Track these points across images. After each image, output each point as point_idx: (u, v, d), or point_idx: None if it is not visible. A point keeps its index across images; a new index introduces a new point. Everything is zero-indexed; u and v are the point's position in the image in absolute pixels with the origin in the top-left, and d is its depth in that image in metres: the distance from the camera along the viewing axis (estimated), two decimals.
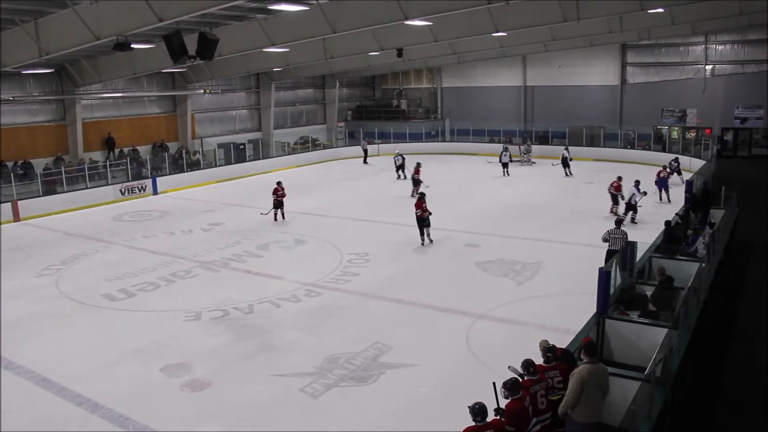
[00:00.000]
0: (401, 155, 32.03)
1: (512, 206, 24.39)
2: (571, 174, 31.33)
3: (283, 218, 22.65)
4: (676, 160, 30.13)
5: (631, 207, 21.14)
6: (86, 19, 16.84)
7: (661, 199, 24.43)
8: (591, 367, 7.14)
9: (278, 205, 22.68)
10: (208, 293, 15.08)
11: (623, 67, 40.40)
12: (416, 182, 26.53)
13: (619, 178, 22.65)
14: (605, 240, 14.75)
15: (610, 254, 14.10)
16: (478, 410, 6.42)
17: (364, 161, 38.19)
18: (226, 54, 23.22)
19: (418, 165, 27.47)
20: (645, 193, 21.43)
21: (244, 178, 33.05)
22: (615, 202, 22.36)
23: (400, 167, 31.39)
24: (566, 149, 32.39)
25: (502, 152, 32.14)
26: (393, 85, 49.59)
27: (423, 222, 18.82)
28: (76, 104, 29.10)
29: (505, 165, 31.70)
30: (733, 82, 36.90)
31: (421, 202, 18.89)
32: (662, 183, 24.78)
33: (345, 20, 19.49)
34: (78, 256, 18.72)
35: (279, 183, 23.07)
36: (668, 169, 26.77)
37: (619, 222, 14.89)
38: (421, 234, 18.90)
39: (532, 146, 37.45)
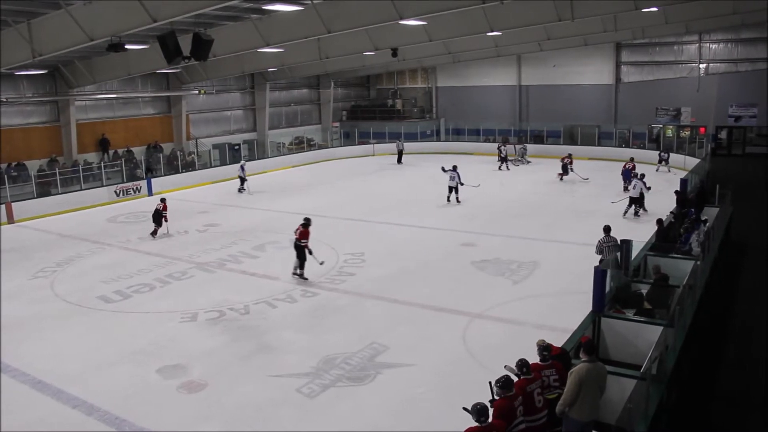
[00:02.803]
0: (244, 167, 29.65)
1: (508, 205, 24.42)
2: (501, 169, 33.62)
3: (154, 236, 20.85)
4: (666, 151, 32.10)
5: (636, 200, 21.66)
6: (80, 19, 16.80)
7: (625, 190, 24.77)
8: (590, 365, 7.15)
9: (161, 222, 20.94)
10: (204, 294, 15.06)
11: (618, 66, 40.47)
12: (565, 168, 29.31)
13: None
14: (599, 252, 14.24)
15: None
16: (480, 410, 6.42)
17: (399, 161, 37.79)
18: (220, 54, 23.19)
19: (570, 156, 30.03)
20: (649, 188, 22.01)
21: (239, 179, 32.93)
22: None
23: (242, 180, 29.20)
24: (504, 145, 35.28)
25: (450, 171, 25.27)
26: (388, 84, 49.61)
27: (297, 250, 15.97)
28: (70, 105, 29.02)
29: (452, 189, 24.98)
30: (726, 80, 37.01)
31: (298, 227, 16.10)
32: (627, 175, 25.46)
33: (340, 20, 19.48)
34: (73, 258, 18.67)
35: (164, 200, 21.53)
36: (660, 157, 31.37)
37: (607, 229, 14.53)
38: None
39: (528, 146, 37.55)
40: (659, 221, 15.19)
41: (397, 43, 25.41)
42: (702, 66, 37.71)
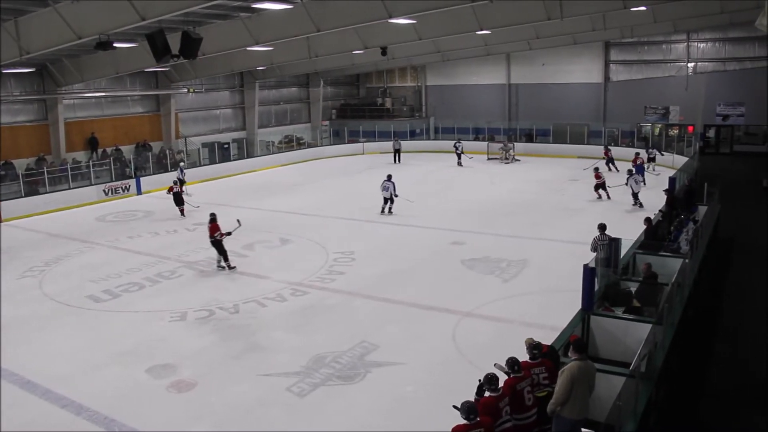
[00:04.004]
0: (183, 170, 29.05)
1: (497, 204, 24.45)
2: (461, 165, 34.66)
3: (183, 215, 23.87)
4: (653, 150, 32.16)
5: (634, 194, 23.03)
6: (68, 17, 16.68)
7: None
8: (581, 363, 7.16)
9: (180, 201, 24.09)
10: (194, 293, 15.02)
11: (606, 65, 40.61)
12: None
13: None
14: (594, 249, 14.03)
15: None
16: (469, 408, 6.43)
17: (397, 160, 37.04)
18: (209, 53, 23.10)
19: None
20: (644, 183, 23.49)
21: (229, 178, 32.91)
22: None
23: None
24: (459, 141, 36.43)
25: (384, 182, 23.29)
26: (377, 83, 49.53)
27: (214, 246, 16.93)
28: (59, 104, 28.82)
29: (387, 200, 23.05)
30: (714, 79, 37.22)
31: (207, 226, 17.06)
32: (640, 169, 26.73)
33: (329, 19, 19.44)
34: (61, 258, 18.56)
35: (175, 182, 24.71)
36: (646, 154, 30.84)
37: (602, 227, 14.41)
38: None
39: (516, 144, 37.65)
40: (648, 219, 15.25)
41: (386, 41, 25.39)
42: (690, 65, 37.89)
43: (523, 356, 7.72)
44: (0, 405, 9.87)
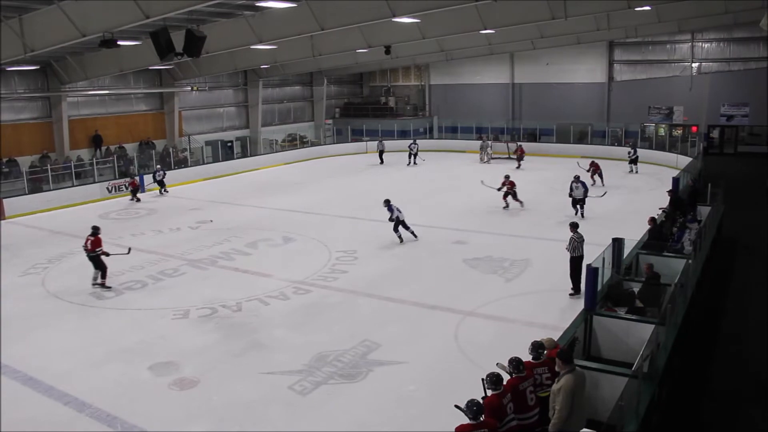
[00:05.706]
0: (162, 170, 28.91)
1: (500, 203, 24.36)
2: (415, 163, 35.48)
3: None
4: (635, 150, 31.85)
5: (580, 201, 21.71)
6: (72, 15, 16.70)
7: (594, 183, 26.97)
8: (574, 375, 7.12)
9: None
10: (196, 291, 15.02)
11: (610, 65, 40.51)
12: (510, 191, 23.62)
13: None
14: (574, 249, 13.86)
15: (575, 261, 13.77)
16: (477, 408, 6.42)
17: (381, 161, 36.78)
18: (213, 51, 23.13)
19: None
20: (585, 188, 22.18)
21: (232, 176, 32.93)
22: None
23: (161, 183, 28.32)
24: (414, 142, 36.71)
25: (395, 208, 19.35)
26: (381, 82, 49.50)
27: (94, 261, 15.61)
28: (62, 101, 28.88)
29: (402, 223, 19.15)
30: (719, 79, 37.10)
31: (88, 238, 15.69)
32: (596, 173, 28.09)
33: (333, 17, 19.44)
34: (64, 255, 18.58)
35: (134, 176, 27.86)
36: (629, 156, 31.40)
37: (575, 225, 14.16)
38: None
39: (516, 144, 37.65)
40: (652, 219, 15.23)
41: (390, 40, 25.39)
42: (694, 65, 37.78)
43: (526, 356, 7.72)
44: (0, 403, 9.86)
